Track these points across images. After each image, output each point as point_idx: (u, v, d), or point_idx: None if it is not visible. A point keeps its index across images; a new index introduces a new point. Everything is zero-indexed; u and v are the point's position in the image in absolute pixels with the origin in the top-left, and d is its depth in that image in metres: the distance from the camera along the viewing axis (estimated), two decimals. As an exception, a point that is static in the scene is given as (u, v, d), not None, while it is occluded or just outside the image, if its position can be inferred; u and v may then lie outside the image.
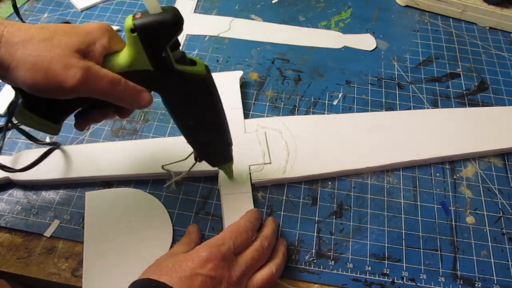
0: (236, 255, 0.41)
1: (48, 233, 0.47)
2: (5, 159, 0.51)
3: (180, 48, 0.38)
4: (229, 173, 0.50)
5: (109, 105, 0.40)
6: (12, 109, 0.41)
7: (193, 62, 0.40)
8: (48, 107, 0.39)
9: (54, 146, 0.52)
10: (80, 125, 0.42)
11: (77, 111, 0.42)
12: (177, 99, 0.41)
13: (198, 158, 0.47)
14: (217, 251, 0.39)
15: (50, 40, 0.34)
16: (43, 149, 0.52)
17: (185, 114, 0.42)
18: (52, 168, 0.50)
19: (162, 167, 0.49)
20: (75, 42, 0.35)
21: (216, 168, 0.50)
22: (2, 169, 0.48)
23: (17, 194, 0.50)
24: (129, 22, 0.35)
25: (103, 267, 0.45)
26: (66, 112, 0.41)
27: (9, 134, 0.54)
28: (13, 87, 0.38)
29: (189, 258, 0.38)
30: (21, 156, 0.51)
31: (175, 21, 0.35)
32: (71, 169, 0.50)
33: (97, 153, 0.52)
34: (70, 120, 0.57)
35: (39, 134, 0.53)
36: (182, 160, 0.48)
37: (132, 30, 0.35)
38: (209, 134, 0.44)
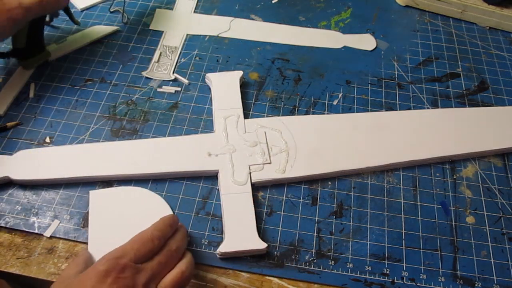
0: (142, 263, 0.40)
1: (48, 233, 0.47)
2: (5, 159, 0.51)
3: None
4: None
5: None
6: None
7: None
8: (28, 48, 0.57)
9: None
10: None
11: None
12: None
13: None
14: (116, 263, 0.38)
15: None
16: (42, 149, 0.52)
17: None
18: (52, 168, 0.50)
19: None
20: None
21: (216, 168, 0.51)
22: None
23: (17, 194, 0.50)
24: None
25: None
26: (36, 39, 0.58)
27: (9, 134, 0.54)
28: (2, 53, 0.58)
29: (87, 277, 0.37)
30: (21, 155, 0.51)
31: None
32: (71, 169, 0.50)
33: (97, 153, 0.52)
34: (69, 120, 0.57)
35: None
36: None
37: None
38: None
